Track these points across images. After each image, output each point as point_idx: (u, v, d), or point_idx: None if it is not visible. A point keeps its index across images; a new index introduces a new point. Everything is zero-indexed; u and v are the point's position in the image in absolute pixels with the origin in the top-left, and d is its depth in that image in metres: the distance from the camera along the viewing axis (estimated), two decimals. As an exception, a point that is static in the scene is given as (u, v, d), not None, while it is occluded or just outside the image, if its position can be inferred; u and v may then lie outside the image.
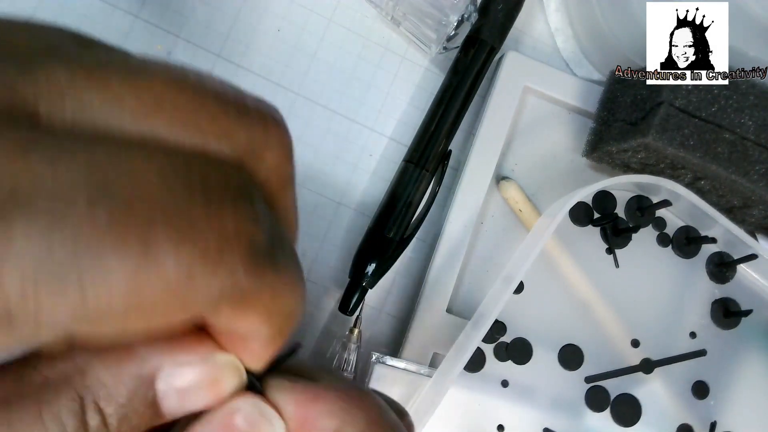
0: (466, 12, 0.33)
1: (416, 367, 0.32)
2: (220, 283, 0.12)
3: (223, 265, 0.12)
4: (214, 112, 0.13)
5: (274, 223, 0.14)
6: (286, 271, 0.14)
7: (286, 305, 0.14)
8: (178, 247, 0.11)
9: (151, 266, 0.11)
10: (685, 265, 0.36)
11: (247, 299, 0.13)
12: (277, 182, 0.15)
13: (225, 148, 0.13)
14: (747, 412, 0.35)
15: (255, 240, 0.13)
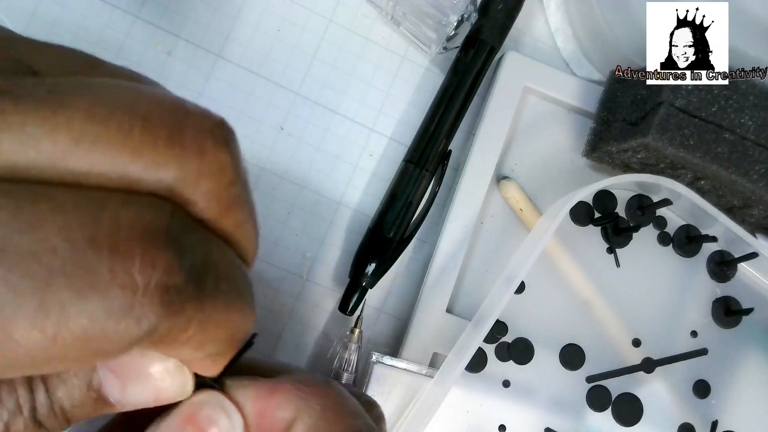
0: (466, 12, 0.33)
1: (416, 367, 0.32)
2: (131, 332, 0.12)
3: (132, 317, 0.12)
4: (139, 144, 0.13)
5: (204, 248, 0.14)
6: (219, 300, 0.14)
7: (220, 332, 0.14)
8: (77, 306, 0.11)
9: (49, 324, 0.11)
10: (686, 264, 0.36)
11: (166, 339, 0.13)
12: (219, 206, 0.15)
13: (151, 182, 0.13)
14: (748, 411, 0.35)
15: (170, 285, 0.13)
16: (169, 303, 0.12)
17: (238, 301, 0.15)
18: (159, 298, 0.12)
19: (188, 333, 0.13)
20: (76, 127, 0.12)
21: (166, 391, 0.16)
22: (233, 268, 0.15)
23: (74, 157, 0.12)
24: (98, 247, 0.12)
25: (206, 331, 0.14)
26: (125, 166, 0.13)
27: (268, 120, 0.34)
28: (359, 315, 0.33)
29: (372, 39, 0.36)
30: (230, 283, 0.15)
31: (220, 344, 0.14)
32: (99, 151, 0.12)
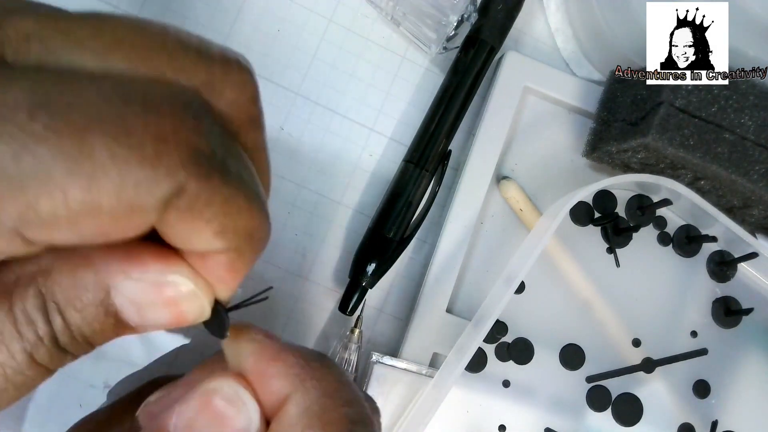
0: (466, 12, 0.33)
1: (416, 367, 0.32)
2: (162, 185, 0.13)
3: (162, 167, 0.13)
4: (172, 50, 0.15)
5: (228, 140, 0.15)
6: (239, 184, 0.15)
7: (241, 220, 0.15)
8: (112, 150, 0.12)
9: (87, 169, 0.12)
10: (686, 264, 0.36)
11: (194, 206, 0.14)
12: (239, 118, 0.16)
13: (182, 81, 0.15)
14: (748, 411, 0.35)
15: (197, 146, 0.14)
16: (197, 162, 0.13)
17: (259, 198, 0.15)
18: (188, 155, 0.13)
19: (213, 207, 0.14)
20: (118, 32, 0.14)
21: (184, 314, 0.16)
22: (253, 171, 0.16)
23: (115, 56, 0.14)
24: (131, 103, 0.13)
25: (229, 213, 0.14)
26: (159, 66, 0.14)
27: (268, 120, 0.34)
28: (359, 315, 0.33)
29: (372, 39, 0.36)
30: (252, 178, 0.15)
31: (239, 236, 0.15)
32: (137, 52, 0.14)
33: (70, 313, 0.15)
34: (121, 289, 0.15)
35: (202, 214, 0.14)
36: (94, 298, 0.15)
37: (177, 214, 0.14)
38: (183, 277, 0.16)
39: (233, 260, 0.16)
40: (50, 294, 0.15)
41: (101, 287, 0.15)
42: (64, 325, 0.15)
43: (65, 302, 0.15)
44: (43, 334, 0.15)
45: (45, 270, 0.15)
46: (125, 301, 0.15)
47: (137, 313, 0.16)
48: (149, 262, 0.16)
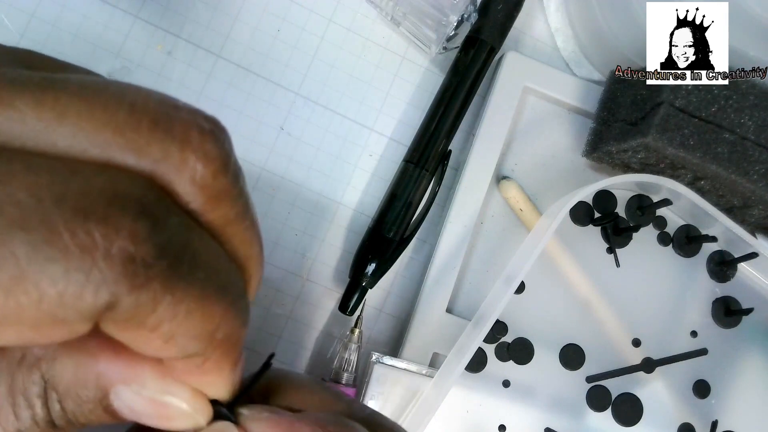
0: (466, 12, 0.33)
1: (416, 367, 0.32)
2: (88, 299, 0.12)
3: (90, 282, 0.12)
4: (122, 124, 0.13)
5: (184, 236, 0.14)
6: (188, 285, 0.13)
7: (193, 324, 0.14)
8: (31, 260, 0.11)
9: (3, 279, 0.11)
10: (686, 264, 0.36)
11: (132, 318, 0.13)
12: (204, 196, 0.14)
13: (131, 162, 0.13)
14: (748, 411, 0.35)
15: (133, 255, 0.12)
16: (132, 274, 0.12)
17: (217, 295, 0.14)
18: (121, 267, 0.12)
19: (156, 316, 0.13)
20: (62, 103, 0.13)
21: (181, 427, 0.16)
22: (217, 262, 0.15)
23: (58, 132, 0.13)
24: (62, 206, 0.12)
25: (176, 319, 0.13)
26: (107, 145, 0.13)
27: (268, 120, 0.34)
28: (359, 315, 0.33)
29: (372, 39, 0.36)
30: (210, 274, 0.14)
31: (194, 341, 0.14)
32: (82, 128, 0.13)
33: (68, 403, 0.15)
34: (119, 394, 0.15)
35: (144, 324, 0.13)
36: (93, 396, 0.15)
37: (114, 326, 0.13)
38: (180, 400, 0.15)
39: (200, 364, 0.15)
40: (51, 383, 0.15)
41: (101, 388, 0.15)
42: (61, 412, 0.15)
43: (65, 394, 0.15)
44: (39, 419, 0.15)
45: (51, 357, 0.15)
46: (123, 406, 0.15)
47: (134, 416, 0.15)
48: (149, 379, 0.15)
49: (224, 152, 0.15)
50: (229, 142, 0.15)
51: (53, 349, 0.15)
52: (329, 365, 0.33)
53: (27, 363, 0.14)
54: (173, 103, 0.14)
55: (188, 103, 0.15)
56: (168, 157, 0.14)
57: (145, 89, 0.14)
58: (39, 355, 0.14)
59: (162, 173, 0.14)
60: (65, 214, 0.12)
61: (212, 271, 0.14)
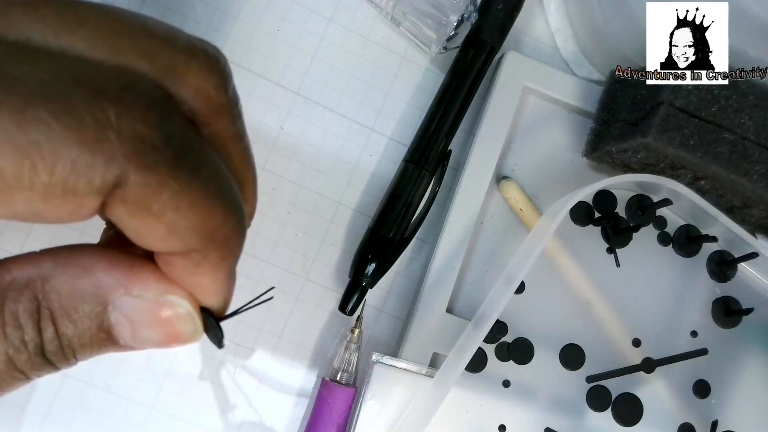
0: (466, 12, 0.33)
1: (416, 367, 0.32)
2: (99, 171, 0.13)
3: (100, 154, 0.13)
4: (135, 34, 0.14)
5: (187, 132, 0.15)
6: (193, 178, 0.14)
7: (196, 218, 0.14)
8: (50, 127, 0.12)
9: (22, 143, 0.12)
10: (686, 264, 0.36)
11: (140, 199, 0.13)
12: (207, 107, 0.16)
13: (144, 67, 0.14)
14: (748, 411, 0.35)
15: (144, 136, 0.13)
16: (141, 152, 0.13)
17: (219, 195, 0.15)
18: (131, 145, 0.13)
19: (161, 202, 0.13)
20: (82, 12, 0.14)
21: (178, 335, 0.16)
22: (218, 168, 0.15)
23: (77, 35, 0.14)
24: (80, 86, 0.13)
25: (180, 210, 0.14)
26: (121, 50, 0.14)
27: (268, 120, 0.34)
28: (359, 315, 0.33)
29: (372, 39, 0.36)
30: (212, 175, 0.15)
31: (197, 235, 0.14)
32: (100, 33, 0.14)
33: (63, 323, 0.15)
34: (118, 305, 0.15)
35: (150, 208, 0.13)
36: (90, 311, 0.15)
37: (123, 207, 0.13)
38: (181, 299, 0.16)
39: (199, 263, 0.15)
40: (46, 300, 0.15)
41: (100, 300, 0.15)
42: (54, 335, 0.15)
43: (61, 311, 0.15)
44: (29, 340, 0.14)
45: (44, 276, 0.15)
46: (121, 317, 0.15)
47: (131, 330, 0.15)
48: (150, 281, 0.15)
49: (226, 71, 0.16)
50: (230, 68, 0.17)
51: (46, 269, 0.15)
52: (329, 365, 0.33)
53: (17, 284, 0.14)
54: (180, 30, 0.16)
55: None
56: (175, 65, 0.15)
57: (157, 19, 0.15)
58: (31, 276, 0.15)
59: (169, 82, 0.15)
60: (83, 91, 0.13)
61: (214, 173, 0.15)
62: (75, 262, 0.15)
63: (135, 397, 0.32)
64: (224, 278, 0.16)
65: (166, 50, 0.15)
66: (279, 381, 0.33)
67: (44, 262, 0.15)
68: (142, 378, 0.32)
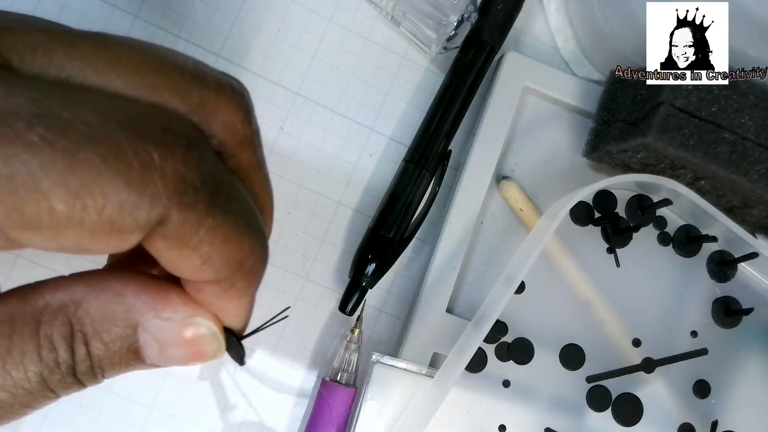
0: (466, 12, 0.33)
1: (416, 367, 0.32)
2: (145, 211, 0.13)
3: (146, 195, 0.13)
4: (169, 71, 0.15)
5: (219, 169, 0.16)
6: (226, 214, 0.15)
7: (228, 250, 0.15)
8: (100, 171, 0.13)
9: (74, 185, 0.13)
10: (686, 264, 0.36)
11: (179, 235, 0.14)
12: (234, 140, 0.17)
13: (177, 104, 0.15)
14: (748, 411, 0.35)
15: (185, 177, 0.14)
16: (183, 193, 0.14)
17: (247, 228, 0.16)
18: (174, 186, 0.14)
19: (198, 237, 0.14)
20: (116, 50, 0.15)
21: (203, 354, 0.17)
22: (245, 200, 0.16)
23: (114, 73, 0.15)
24: (125, 128, 0.14)
25: (215, 242, 0.15)
26: (156, 87, 0.15)
27: (268, 120, 0.34)
28: (359, 315, 0.33)
29: (372, 39, 0.36)
30: (241, 209, 0.16)
31: (227, 265, 0.15)
32: (135, 71, 0.15)
33: (95, 345, 0.15)
34: (147, 327, 0.16)
35: (188, 242, 0.14)
36: (121, 333, 0.16)
37: (164, 242, 0.14)
38: (206, 320, 0.17)
39: (227, 290, 0.16)
40: (79, 324, 0.15)
41: (130, 323, 0.16)
42: (86, 356, 0.15)
43: (93, 333, 0.15)
44: (62, 361, 0.15)
45: (77, 301, 0.15)
46: (149, 338, 0.16)
47: (158, 351, 0.16)
48: (179, 305, 0.16)
49: (250, 106, 0.17)
50: (252, 102, 0.18)
51: (78, 294, 0.15)
52: (329, 365, 0.33)
53: (51, 309, 0.15)
54: (206, 64, 0.17)
55: None
56: (206, 102, 0.16)
57: (182, 54, 0.16)
58: (63, 301, 0.15)
59: (200, 118, 0.16)
60: (128, 134, 0.13)
61: (243, 207, 0.16)
62: (106, 287, 0.16)
63: (135, 397, 0.32)
64: (248, 302, 0.17)
65: (196, 87, 0.16)
66: (279, 381, 0.33)
67: (76, 286, 0.16)
68: (142, 378, 0.32)
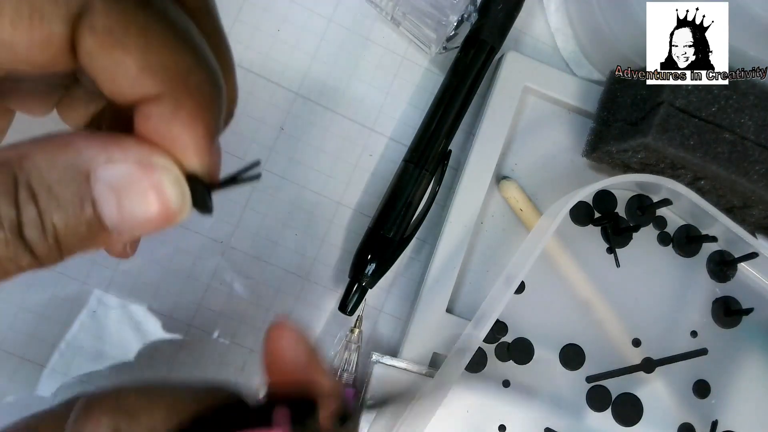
0: (466, 12, 0.33)
1: (416, 367, 0.32)
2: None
3: None
4: None
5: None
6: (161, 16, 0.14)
7: (167, 56, 0.14)
8: None
9: None
10: (686, 264, 0.36)
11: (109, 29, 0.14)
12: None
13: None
14: (748, 411, 0.35)
15: None
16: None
17: (188, 40, 0.15)
18: None
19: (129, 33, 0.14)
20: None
21: (165, 203, 0.15)
22: (186, 20, 0.15)
23: None
24: None
25: (150, 45, 0.14)
26: None
27: (268, 120, 0.34)
28: (359, 315, 0.33)
29: (372, 39, 0.36)
30: (181, 22, 0.15)
31: (166, 73, 0.14)
32: None
33: (43, 198, 0.14)
34: (101, 175, 0.14)
35: (119, 39, 0.14)
36: (72, 182, 0.14)
37: (92, 38, 0.14)
38: (164, 159, 0.15)
39: (174, 111, 0.15)
40: (24, 175, 0.14)
41: (81, 170, 0.14)
42: (36, 216, 0.14)
43: (40, 184, 0.14)
44: (4, 216, 0.13)
45: (22, 153, 0.14)
46: (105, 189, 0.14)
47: (116, 203, 0.14)
48: (132, 144, 0.15)
49: None
50: None
51: (24, 149, 0.14)
52: (329, 365, 0.33)
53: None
54: None
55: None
56: None
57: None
58: (8, 156, 0.14)
59: None
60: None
61: (183, 23, 0.15)
62: (54, 140, 0.14)
63: (135, 397, 0.32)
64: (203, 134, 0.15)
65: None
66: (279, 381, 0.33)
67: (22, 145, 0.14)
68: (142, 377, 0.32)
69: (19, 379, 0.31)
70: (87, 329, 0.32)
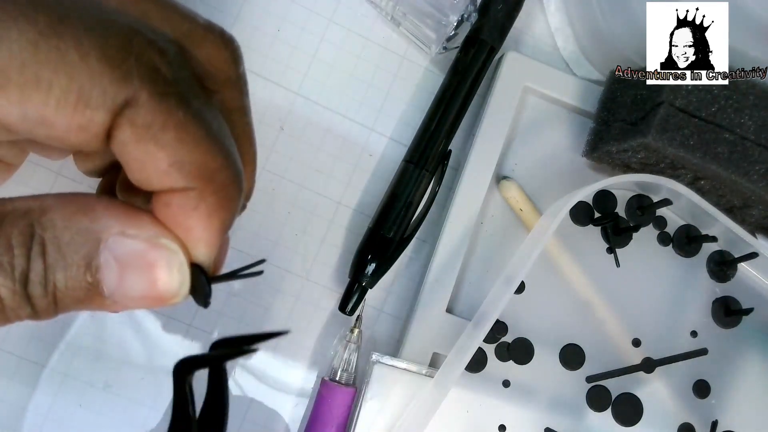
0: (466, 12, 0.33)
1: (416, 367, 0.32)
2: (114, 85, 0.14)
3: (120, 69, 0.14)
4: (163, 5, 0.16)
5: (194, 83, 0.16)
6: (198, 118, 0.15)
7: (198, 155, 0.15)
8: (80, 39, 0.13)
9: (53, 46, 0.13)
10: (686, 264, 0.36)
11: (147, 124, 0.14)
12: (217, 75, 0.17)
13: (165, 29, 0.16)
14: (748, 411, 0.35)
15: (158, 67, 0.14)
16: (155, 80, 0.14)
17: (222, 142, 0.16)
18: (147, 70, 0.14)
19: (167, 130, 0.14)
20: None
21: (164, 286, 0.16)
22: (219, 119, 0.16)
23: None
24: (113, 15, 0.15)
25: (184, 142, 0.15)
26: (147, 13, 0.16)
27: (268, 120, 0.34)
28: (359, 315, 0.33)
29: (372, 39, 0.36)
30: (215, 121, 0.16)
31: (197, 172, 0.15)
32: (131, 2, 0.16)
33: (52, 254, 0.14)
34: (111, 245, 0.15)
35: (156, 136, 0.14)
36: (82, 245, 0.15)
37: (131, 130, 0.14)
38: (172, 242, 0.16)
39: (196, 205, 0.15)
40: (41, 228, 0.14)
41: (93, 236, 0.15)
42: (42, 268, 0.14)
43: (52, 240, 0.14)
44: (17, 265, 0.14)
45: (44, 208, 0.15)
46: (110, 258, 0.15)
47: (117, 275, 0.15)
48: (147, 222, 0.16)
49: (238, 51, 0.18)
50: (241, 52, 0.18)
51: (47, 203, 0.15)
52: (329, 365, 0.33)
53: (17, 212, 0.14)
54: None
55: None
56: (193, 34, 0.17)
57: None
58: (31, 207, 0.15)
59: (185, 45, 0.16)
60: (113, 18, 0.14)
61: (217, 122, 0.16)
62: (77, 200, 0.15)
63: (135, 397, 0.32)
64: (217, 229, 0.16)
65: (187, 22, 0.17)
66: (279, 381, 0.33)
67: (48, 198, 0.15)
68: (142, 378, 0.32)
69: (19, 379, 0.31)
70: (87, 329, 0.32)
